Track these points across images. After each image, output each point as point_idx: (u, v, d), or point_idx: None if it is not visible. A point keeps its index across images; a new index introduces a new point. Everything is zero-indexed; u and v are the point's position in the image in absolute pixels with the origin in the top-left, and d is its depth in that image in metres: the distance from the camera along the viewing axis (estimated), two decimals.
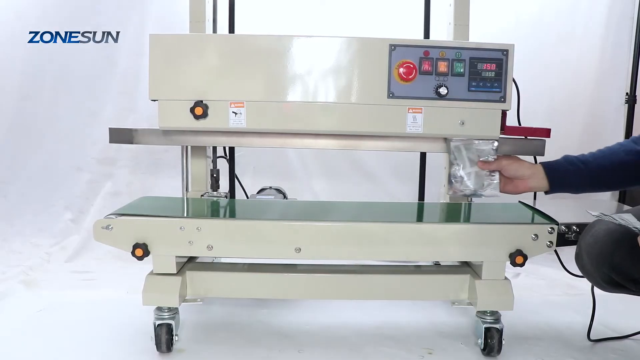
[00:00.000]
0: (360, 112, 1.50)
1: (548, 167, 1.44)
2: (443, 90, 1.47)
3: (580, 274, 1.35)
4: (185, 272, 1.51)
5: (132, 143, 1.64)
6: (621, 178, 1.42)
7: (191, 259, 1.61)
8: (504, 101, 1.49)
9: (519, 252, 1.42)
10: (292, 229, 1.43)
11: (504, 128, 1.54)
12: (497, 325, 1.48)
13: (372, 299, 1.81)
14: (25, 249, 2.49)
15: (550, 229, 1.42)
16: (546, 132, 1.54)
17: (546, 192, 1.46)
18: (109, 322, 1.70)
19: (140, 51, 2.47)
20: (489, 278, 1.48)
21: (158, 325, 1.46)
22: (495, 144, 1.48)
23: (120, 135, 1.65)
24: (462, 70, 1.46)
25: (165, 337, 1.47)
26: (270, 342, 1.59)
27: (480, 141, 1.49)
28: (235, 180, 2.18)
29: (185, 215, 1.53)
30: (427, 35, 2.10)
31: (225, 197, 1.82)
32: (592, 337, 1.64)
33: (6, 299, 1.89)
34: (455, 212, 1.73)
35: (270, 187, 1.98)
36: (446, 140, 1.54)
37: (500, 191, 1.48)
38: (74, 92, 2.59)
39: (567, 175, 1.42)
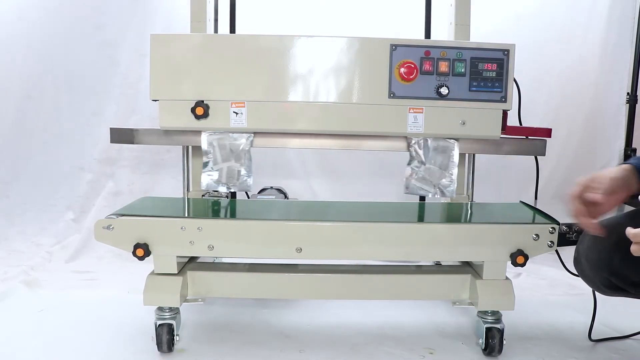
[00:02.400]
0: (361, 112, 1.50)
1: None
2: (444, 90, 1.47)
3: None
4: (186, 272, 1.51)
5: (133, 143, 1.65)
6: None
7: (192, 259, 1.61)
8: (505, 101, 1.49)
9: (520, 252, 1.41)
10: (293, 229, 1.43)
11: (505, 128, 1.54)
12: (498, 325, 1.48)
13: (373, 299, 1.81)
14: (27, 248, 2.49)
15: (551, 229, 1.42)
16: (547, 132, 1.55)
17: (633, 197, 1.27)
18: (110, 322, 1.70)
19: (142, 51, 2.48)
20: (490, 278, 1.48)
21: (159, 325, 1.46)
22: (452, 141, 1.54)
23: (121, 135, 1.66)
24: (463, 70, 1.47)
25: (166, 337, 1.47)
26: (272, 342, 1.59)
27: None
28: None
29: (186, 215, 1.53)
30: (428, 35, 2.09)
31: (226, 197, 1.82)
32: (593, 337, 1.64)
33: (7, 299, 1.89)
34: (455, 212, 1.73)
35: (271, 187, 1.97)
36: (406, 138, 1.57)
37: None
38: (75, 92, 2.60)
39: None
